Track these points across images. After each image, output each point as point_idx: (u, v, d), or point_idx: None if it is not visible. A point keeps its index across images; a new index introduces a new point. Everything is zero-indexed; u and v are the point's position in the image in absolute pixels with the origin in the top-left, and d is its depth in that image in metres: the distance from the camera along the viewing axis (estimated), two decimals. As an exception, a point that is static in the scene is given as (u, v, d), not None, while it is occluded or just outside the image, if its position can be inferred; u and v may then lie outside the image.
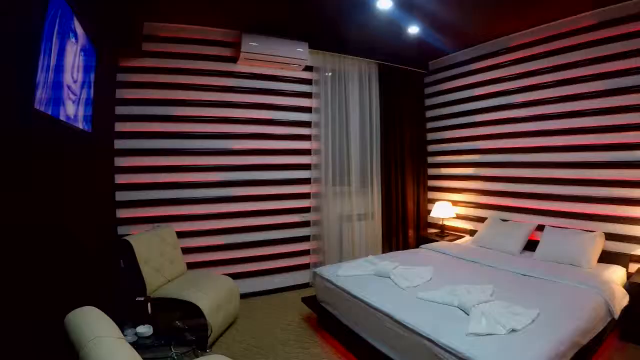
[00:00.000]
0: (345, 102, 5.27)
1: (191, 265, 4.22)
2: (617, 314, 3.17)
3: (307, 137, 5.09)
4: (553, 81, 4.50)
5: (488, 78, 5.23)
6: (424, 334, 2.44)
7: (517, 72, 4.86)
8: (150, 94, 4.19)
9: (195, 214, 4.42)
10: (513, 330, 2.40)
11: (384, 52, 5.46)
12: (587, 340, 2.73)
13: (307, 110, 5.08)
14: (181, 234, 4.18)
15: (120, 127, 4.05)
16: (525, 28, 4.69)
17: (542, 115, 4.63)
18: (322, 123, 5.06)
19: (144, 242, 3.52)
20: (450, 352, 2.26)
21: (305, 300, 3.99)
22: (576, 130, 4.32)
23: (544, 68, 4.58)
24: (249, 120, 4.71)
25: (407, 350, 2.59)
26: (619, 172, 4.01)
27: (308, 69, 5.01)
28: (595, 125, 4.16)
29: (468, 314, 2.60)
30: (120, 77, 4.06)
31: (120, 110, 4.05)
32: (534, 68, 4.68)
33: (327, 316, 3.59)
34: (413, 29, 4.57)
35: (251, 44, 4.32)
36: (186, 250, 4.20)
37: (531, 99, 4.73)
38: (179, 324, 2.84)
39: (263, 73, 4.77)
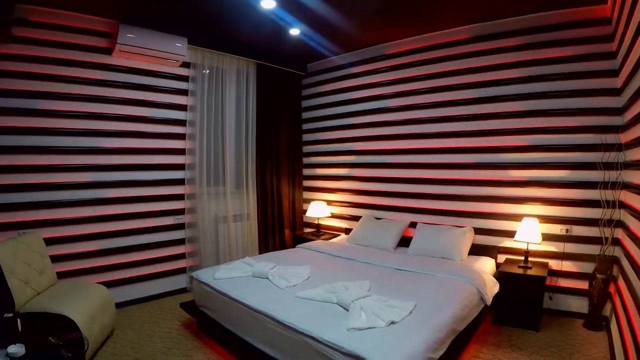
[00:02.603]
0: (222, 101, 5.14)
1: (62, 275, 3.85)
2: (489, 300, 3.47)
3: (182, 136, 4.87)
4: (427, 88, 4.85)
5: (365, 82, 5.47)
6: (305, 332, 2.45)
7: (394, 77, 5.16)
8: (15, 85, 3.71)
9: (64, 219, 4.01)
10: (392, 323, 2.49)
11: (263, 52, 5.43)
12: (463, 326, 2.93)
13: (183, 108, 4.86)
14: (50, 241, 3.78)
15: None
16: (404, 37, 4.97)
17: (416, 119, 4.96)
18: (198, 122, 4.87)
19: (9, 251, 3.13)
20: (333, 348, 2.28)
21: (183, 305, 3.83)
22: (448, 134, 4.71)
23: (419, 75, 4.92)
24: (123, 117, 4.38)
25: (291, 350, 2.58)
26: (486, 173, 4.45)
27: (185, 65, 4.80)
28: (466, 129, 4.57)
29: (348, 310, 2.65)
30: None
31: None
32: (409, 75, 5.01)
33: (207, 321, 3.48)
34: (294, 31, 4.61)
35: (128, 36, 4.04)
36: (56, 259, 3.81)
37: (406, 103, 5.05)
38: (52, 340, 2.57)
39: (139, 67, 4.47)
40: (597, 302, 3.67)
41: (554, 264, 4.05)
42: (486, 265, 4.02)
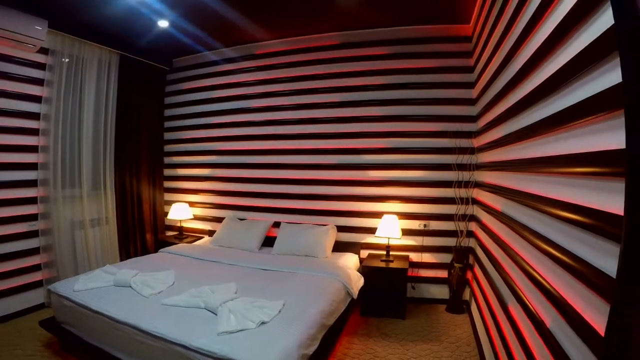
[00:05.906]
0: (80, 93, 4.63)
1: None
2: (355, 294, 3.67)
3: (35, 132, 4.24)
4: (294, 90, 4.96)
5: (231, 81, 5.39)
6: (175, 341, 2.36)
7: (261, 78, 5.17)
8: None
9: None
10: (263, 323, 2.52)
11: (128, 43, 5.01)
12: (332, 320, 3.07)
13: (38, 100, 4.25)
14: None
15: None
16: (274, 38, 5.01)
17: (281, 120, 5.04)
18: (53, 116, 4.33)
19: None
20: (204, 354, 2.24)
21: (43, 323, 3.37)
22: (312, 136, 4.87)
23: (287, 77, 5.01)
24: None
25: (161, 360, 2.49)
26: (348, 173, 4.70)
27: (44, 51, 4.20)
28: (330, 132, 4.78)
29: (216, 314, 2.61)
30: None
31: None
32: (277, 76, 5.07)
33: (71, 338, 3.13)
34: (163, 23, 4.39)
35: (-18, 14, 3.47)
36: None
37: (271, 104, 5.10)
38: None
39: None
40: (456, 288, 4.10)
41: (414, 256, 4.43)
42: (350, 261, 4.22)
